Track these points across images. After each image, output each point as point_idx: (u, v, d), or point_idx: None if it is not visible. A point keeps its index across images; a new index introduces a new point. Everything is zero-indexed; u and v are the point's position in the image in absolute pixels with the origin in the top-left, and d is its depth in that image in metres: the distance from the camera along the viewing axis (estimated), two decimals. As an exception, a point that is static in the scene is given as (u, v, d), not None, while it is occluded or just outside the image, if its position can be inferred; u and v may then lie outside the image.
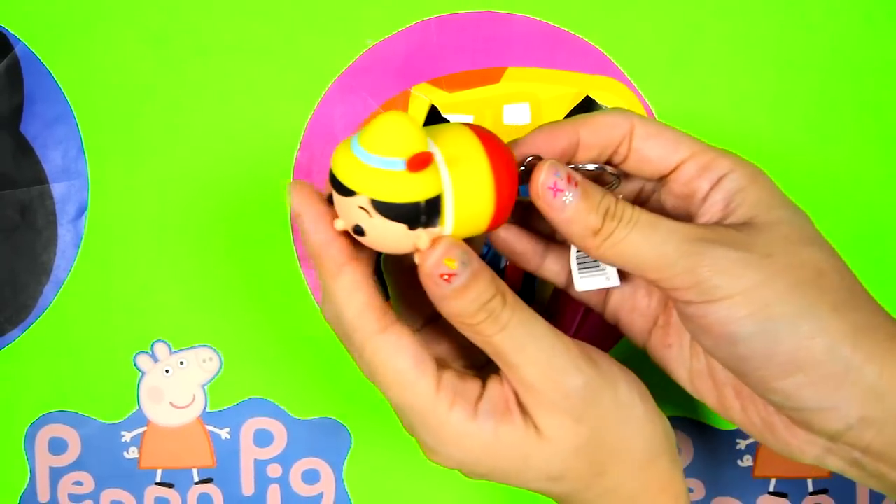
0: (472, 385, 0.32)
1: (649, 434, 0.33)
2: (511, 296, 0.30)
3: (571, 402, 0.31)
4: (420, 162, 0.27)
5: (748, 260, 0.30)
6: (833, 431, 0.31)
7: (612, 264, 0.32)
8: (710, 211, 0.32)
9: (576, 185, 0.30)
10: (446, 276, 0.29)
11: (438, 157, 0.28)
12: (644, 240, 0.30)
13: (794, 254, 0.30)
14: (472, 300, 0.29)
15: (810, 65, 0.43)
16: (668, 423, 0.34)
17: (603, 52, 0.43)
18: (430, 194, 0.28)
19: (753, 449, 0.45)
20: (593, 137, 0.33)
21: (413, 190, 0.28)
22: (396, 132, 0.27)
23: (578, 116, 0.33)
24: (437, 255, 0.29)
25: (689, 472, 0.45)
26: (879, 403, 0.30)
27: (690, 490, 0.45)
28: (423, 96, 0.43)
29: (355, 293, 0.30)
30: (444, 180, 0.28)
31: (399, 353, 0.30)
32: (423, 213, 0.28)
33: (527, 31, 0.43)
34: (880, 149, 0.44)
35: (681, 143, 0.33)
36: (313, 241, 0.29)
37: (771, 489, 0.45)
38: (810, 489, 0.45)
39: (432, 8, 0.43)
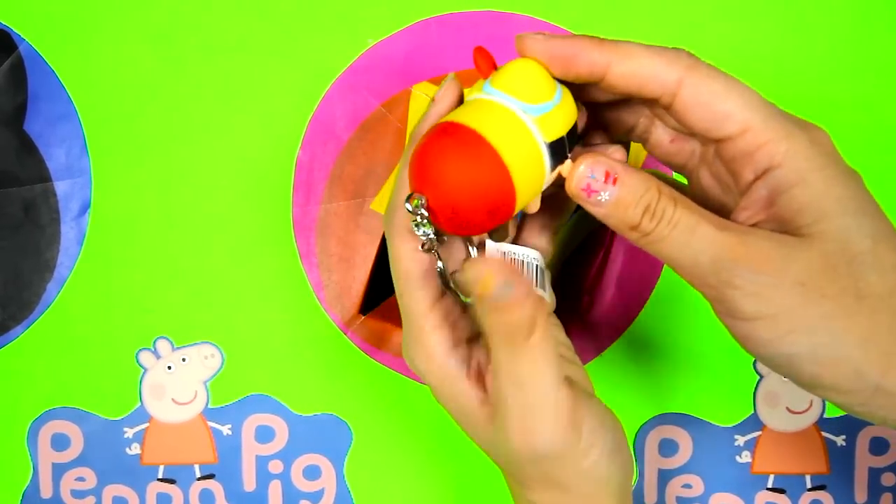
0: (471, 325, 0.33)
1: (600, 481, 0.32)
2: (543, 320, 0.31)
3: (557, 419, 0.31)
4: (481, 58, 0.30)
5: (778, 286, 0.28)
6: (881, 421, 0.30)
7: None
8: (751, 207, 0.30)
9: (614, 182, 0.30)
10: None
11: (534, 113, 0.29)
12: (681, 246, 0.29)
13: (832, 279, 0.28)
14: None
15: (809, 65, 0.44)
16: (627, 474, 0.33)
17: (602, 51, 0.44)
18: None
19: (752, 445, 0.45)
20: (622, 81, 0.30)
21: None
22: (520, 65, 0.30)
23: (618, 44, 0.30)
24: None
25: (688, 468, 0.45)
26: None
27: (689, 486, 0.45)
28: (424, 95, 0.43)
29: (404, 189, 0.31)
30: (513, 112, 0.29)
31: (413, 258, 0.31)
32: None
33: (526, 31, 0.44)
34: (879, 147, 0.44)
35: (731, 117, 0.29)
36: (414, 131, 0.32)
37: (769, 485, 0.45)
38: (808, 485, 0.45)
39: (432, 8, 0.44)
